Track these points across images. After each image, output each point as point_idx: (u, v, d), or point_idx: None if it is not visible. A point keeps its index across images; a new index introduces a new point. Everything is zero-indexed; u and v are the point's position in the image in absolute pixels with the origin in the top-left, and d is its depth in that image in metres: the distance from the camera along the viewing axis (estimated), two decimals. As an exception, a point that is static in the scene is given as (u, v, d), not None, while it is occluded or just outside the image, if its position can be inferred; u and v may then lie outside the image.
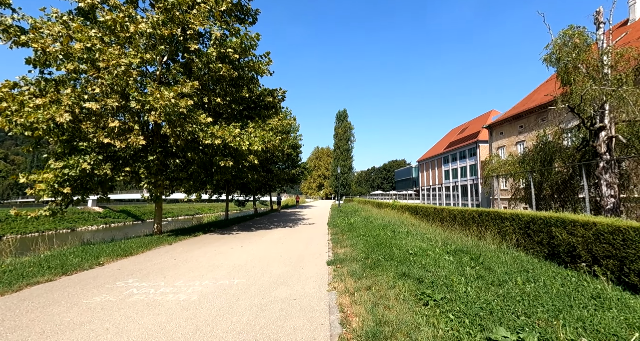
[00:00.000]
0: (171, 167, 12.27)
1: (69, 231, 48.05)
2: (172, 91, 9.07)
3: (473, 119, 51.01)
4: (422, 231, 10.01)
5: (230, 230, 13.65)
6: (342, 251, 8.18)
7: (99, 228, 50.61)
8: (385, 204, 20.88)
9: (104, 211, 54.75)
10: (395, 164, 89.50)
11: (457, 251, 6.66)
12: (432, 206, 12.21)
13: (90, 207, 55.58)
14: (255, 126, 12.07)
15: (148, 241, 9.94)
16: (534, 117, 32.37)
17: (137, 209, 59.39)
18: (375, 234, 10.24)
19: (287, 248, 8.99)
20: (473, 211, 8.67)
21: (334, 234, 11.40)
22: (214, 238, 11.08)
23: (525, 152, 11.91)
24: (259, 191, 25.53)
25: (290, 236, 11.42)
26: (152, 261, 7.24)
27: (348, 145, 60.47)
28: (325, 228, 13.90)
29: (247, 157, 11.50)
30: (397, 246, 7.86)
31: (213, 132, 10.25)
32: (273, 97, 13.36)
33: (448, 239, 8.09)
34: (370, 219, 14.57)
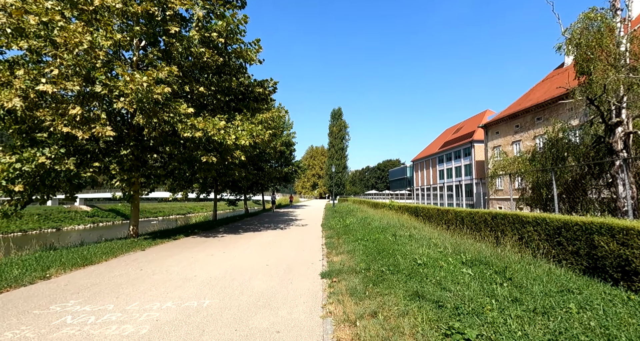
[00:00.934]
0: (150, 163, 11.02)
1: (54, 230, 46.13)
2: (145, 75, 7.84)
3: (468, 119, 50.40)
4: (427, 235, 8.95)
5: (216, 232, 12.43)
6: (339, 259, 7.07)
7: (86, 227, 48.75)
8: (382, 205, 19.85)
9: (92, 210, 52.82)
10: (389, 163, 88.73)
11: (474, 261, 5.59)
12: (435, 207, 11.18)
13: (77, 206, 53.61)
14: (243, 118, 10.88)
15: (118, 246, 8.70)
16: (530, 116, 31.72)
17: (126, 208, 57.42)
18: (374, 238, 9.15)
19: (275, 254, 7.84)
20: (485, 213, 7.63)
21: (329, 238, 10.29)
22: (195, 242, 9.87)
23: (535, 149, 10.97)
24: (250, 190, 24.28)
25: (281, 240, 10.27)
26: (113, 272, 6.02)
27: (343, 144, 59.38)
28: (319, 230, 12.79)
29: (233, 152, 10.31)
30: (401, 253, 6.77)
31: (194, 124, 9.03)
32: (263, 88, 12.17)
33: (458, 245, 7.03)
34: (367, 221, 13.50)
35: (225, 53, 10.71)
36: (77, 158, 9.04)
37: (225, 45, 10.58)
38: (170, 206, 62.30)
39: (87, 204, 55.15)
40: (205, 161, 9.57)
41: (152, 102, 8.24)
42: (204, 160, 9.52)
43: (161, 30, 9.89)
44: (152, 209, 59.47)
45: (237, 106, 11.90)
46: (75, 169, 8.59)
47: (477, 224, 7.95)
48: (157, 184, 10.81)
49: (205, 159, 9.55)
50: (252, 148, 11.28)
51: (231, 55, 10.77)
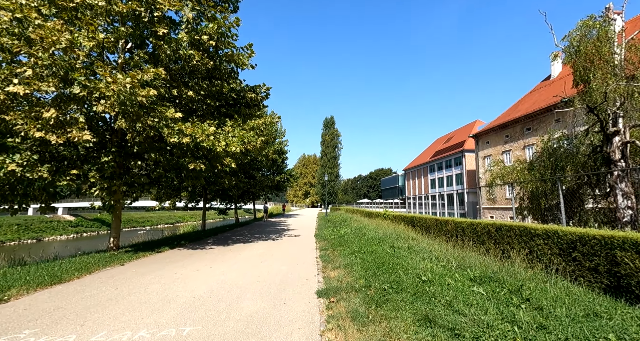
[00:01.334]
0: (134, 170, 10.36)
1: (34, 241, 44.09)
2: (129, 76, 7.31)
3: (458, 129, 50.95)
4: (426, 248, 8.49)
5: (204, 244, 11.72)
6: (335, 274, 6.53)
7: (69, 237, 46.76)
8: (376, 214, 19.41)
9: (75, 219, 50.84)
10: (381, 172, 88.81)
11: (483, 278, 5.14)
12: (433, 217, 10.78)
13: (60, 215, 51.57)
14: (234, 124, 10.38)
15: (95, 260, 7.96)
16: (520, 127, 32.12)
17: (112, 217, 55.52)
18: (371, 250, 8.65)
19: (266, 269, 7.24)
20: (488, 224, 7.24)
21: (323, 250, 9.74)
22: (181, 255, 9.17)
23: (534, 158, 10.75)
24: (241, 198, 23.55)
25: (272, 252, 9.66)
26: (83, 292, 5.35)
27: (335, 152, 59.14)
28: (313, 241, 12.21)
29: (223, 160, 9.77)
30: (402, 268, 6.28)
31: (181, 129, 8.49)
32: (255, 94, 11.74)
33: (462, 259, 6.59)
34: (362, 231, 12.99)
35: (216, 57, 10.28)
36: (53, 165, 8.35)
37: (216, 49, 10.16)
38: (159, 215, 60.62)
39: (71, 214, 53.14)
40: (193, 168, 8.99)
41: (136, 106, 7.70)
42: (191, 167, 8.94)
43: (149, 32, 9.43)
44: (139, 218, 57.70)
45: (228, 112, 11.40)
46: (50, 177, 7.90)
47: (479, 236, 7.54)
48: (141, 193, 10.13)
49: (193, 166, 8.97)
50: (243, 155, 10.76)
51: (222, 59, 10.34)
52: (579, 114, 10.29)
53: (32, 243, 43.06)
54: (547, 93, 31.76)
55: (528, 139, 31.16)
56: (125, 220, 55.90)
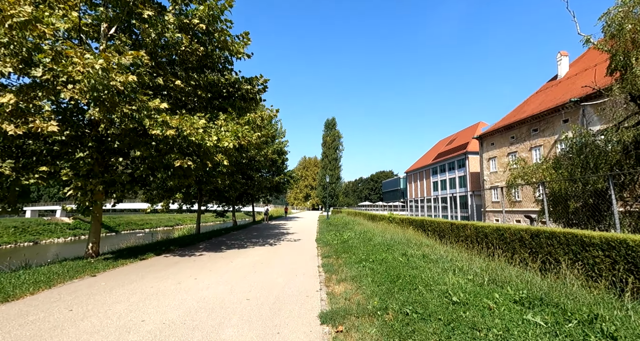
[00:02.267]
0: (117, 168, 9.27)
1: (31, 244, 43.00)
2: (102, 57, 6.25)
3: (461, 131, 49.86)
4: (444, 256, 7.35)
5: (195, 249, 10.59)
6: (341, 289, 5.39)
7: (66, 240, 45.65)
8: (380, 217, 18.24)
9: (73, 222, 49.76)
10: (382, 175, 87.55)
11: (532, 300, 3.99)
12: (448, 221, 9.63)
13: (58, 217, 50.64)
14: (227, 118, 9.30)
15: (65, 270, 6.84)
16: (526, 128, 30.98)
17: (111, 220, 54.55)
18: (381, 258, 7.51)
19: (260, 281, 6.11)
20: (521, 230, 6.10)
21: (326, 257, 8.60)
22: (165, 263, 8.04)
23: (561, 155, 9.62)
24: (240, 200, 22.42)
25: (269, 260, 8.52)
26: (27, 316, 4.22)
27: (336, 154, 57.85)
28: (314, 247, 11.06)
29: (214, 156, 8.68)
30: (423, 282, 5.15)
31: (166, 120, 7.41)
32: (252, 86, 10.67)
33: (494, 272, 5.45)
34: (368, 236, 11.85)
35: (207, 43, 9.23)
36: (21, 161, 7.28)
37: (207, 34, 9.11)
38: (158, 217, 59.52)
39: (69, 216, 52.04)
40: (179, 165, 7.89)
41: (112, 92, 6.62)
42: (177, 164, 7.84)
43: (133, 14, 8.39)
44: (138, 221, 56.66)
45: (221, 105, 10.33)
46: (13, 175, 6.81)
47: (508, 244, 6.40)
48: (123, 193, 9.03)
49: (179, 163, 7.88)
50: (238, 152, 9.67)
51: (214, 45, 9.29)
52: (608, 106, 9.12)
53: (28, 246, 41.92)
54: (553, 94, 30.73)
55: (535, 141, 30.02)
56: (125, 223, 54.84)
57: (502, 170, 34.29)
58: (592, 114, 24.78)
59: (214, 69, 10.36)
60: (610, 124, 10.66)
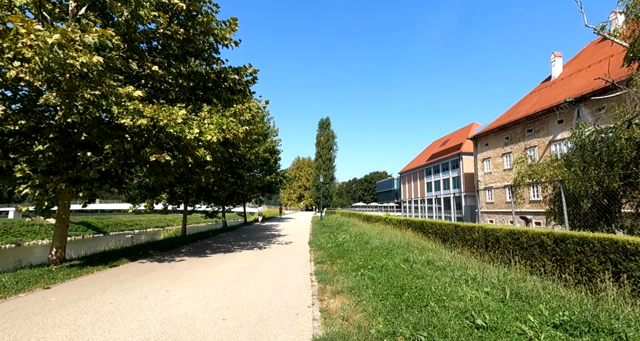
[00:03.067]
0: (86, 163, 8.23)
1: (12, 246, 41.14)
2: (58, 32, 5.29)
3: (455, 131, 49.56)
4: (452, 262, 6.53)
5: (176, 253, 9.59)
6: (338, 304, 4.52)
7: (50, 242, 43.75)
8: (376, 218, 17.43)
9: (59, 222, 47.81)
10: (376, 175, 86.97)
11: (578, 325, 3.18)
12: (452, 222, 8.83)
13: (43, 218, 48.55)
14: (212, 110, 8.35)
15: (13, 280, 5.81)
16: (520, 128, 30.61)
17: (99, 220, 52.79)
18: (380, 264, 6.66)
19: (243, 294, 5.19)
20: (542, 234, 5.31)
21: (319, 263, 7.71)
22: (137, 271, 7.05)
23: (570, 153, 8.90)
24: (230, 201, 21.37)
25: (256, 266, 7.59)
26: None
27: (330, 154, 56.91)
28: (307, 250, 10.16)
29: (196, 151, 7.72)
30: (434, 296, 4.30)
31: (138, 108, 6.45)
32: (239, 76, 9.74)
33: (515, 284, 4.64)
34: (364, 238, 11.01)
35: (189, 27, 8.29)
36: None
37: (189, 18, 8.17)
38: (148, 218, 57.86)
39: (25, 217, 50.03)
40: (156, 161, 6.93)
41: (72, 75, 5.64)
42: (153, 159, 6.87)
43: (103, -9, 7.41)
44: (127, 221, 54.99)
45: (205, 96, 9.38)
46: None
47: (525, 250, 5.61)
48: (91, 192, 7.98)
49: (155, 158, 6.91)
50: (223, 146, 8.72)
51: (197, 28, 8.35)
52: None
53: (10, 248, 40.07)
54: (548, 94, 30.46)
55: (529, 141, 29.65)
56: (113, 224, 53.09)
57: (496, 171, 33.92)
58: (587, 115, 24.39)
59: (198, 56, 9.41)
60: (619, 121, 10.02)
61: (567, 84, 28.74)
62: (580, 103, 24.15)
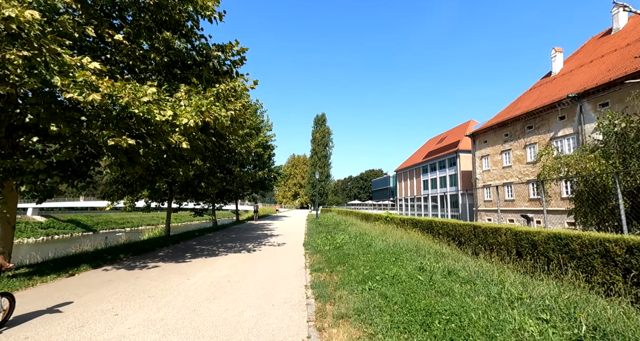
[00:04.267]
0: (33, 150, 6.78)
1: (-3, 244, 39.01)
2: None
3: (452, 129, 48.60)
4: (479, 272, 5.26)
5: (151, 258, 8.20)
6: (343, 337, 3.22)
7: (37, 240, 41.83)
8: (376, 217, 16.18)
9: (46, 220, 45.88)
10: (372, 173, 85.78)
11: None
12: (468, 223, 7.59)
13: (30, 216, 46.59)
14: (191, 90, 6.95)
15: None
16: (520, 125, 29.60)
17: (89, 218, 50.82)
18: (391, 274, 5.38)
19: (215, 320, 3.85)
20: (605, 240, 4.06)
21: (317, 271, 6.40)
22: (92, 283, 5.66)
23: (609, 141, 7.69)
24: (220, 198, 19.93)
25: (240, 276, 6.25)
26: None
27: (326, 151, 55.44)
28: (301, 254, 8.84)
29: (169, 137, 6.34)
30: (478, 329, 3.02)
31: (90, 81, 5.05)
32: (225, 55, 8.34)
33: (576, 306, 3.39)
34: (366, 240, 9.73)
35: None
36: None
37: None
38: (140, 216, 55.95)
39: (42, 214, 48.11)
40: (115, 146, 5.53)
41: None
42: (111, 144, 5.48)
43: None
44: (118, 219, 53.14)
45: (184, 75, 7.97)
46: None
47: (579, 259, 4.35)
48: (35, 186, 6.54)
49: (113, 142, 5.51)
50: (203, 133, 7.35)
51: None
52: None
53: (-6, 247, 38.09)
54: (548, 90, 29.48)
55: (529, 138, 28.65)
56: (103, 221, 51.21)
57: (495, 168, 32.93)
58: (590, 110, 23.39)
59: (176, 31, 7.99)
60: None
61: (569, 79, 27.77)
62: (583, 98, 23.14)
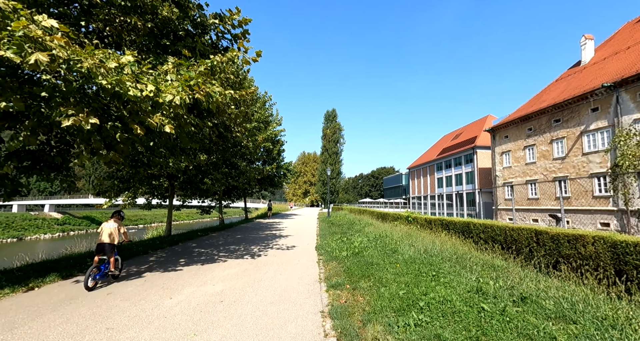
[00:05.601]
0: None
1: (14, 240, 39.36)
2: None
3: (468, 125, 46.14)
4: (566, 299, 3.66)
5: (139, 264, 6.88)
6: None
7: (53, 236, 41.98)
8: (394, 216, 14.54)
9: (62, 217, 46.10)
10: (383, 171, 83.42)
11: None
12: (528, 226, 5.93)
13: (47, 213, 46.88)
14: (181, 64, 5.53)
15: None
16: (546, 118, 27.19)
17: (103, 215, 50.93)
18: (438, 298, 3.83)
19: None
20: None
21: (335, 287, 4.90)
22: (47, 304, 4.31)
23: None
24: (228, 196, 18.67)
25: (236, 294, 4.81)
26: None
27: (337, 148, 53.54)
28: (314, 261, 7.35)
29: (148, 118, 4.96)
30: None
31: (34, 36, 3.70)
32: (222, 23, 6.90)
33: None
34: (389, 244, 8.17)
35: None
36: None
37: None
38: (154, 213, 55.75)
39: (59, 211, 48.42)
40: (69, 125, 4.16)
41: None
42: (65, 124, 4.11)
43: None
44: (132, 216, 53.17)
45: (174, 47, 6.57)
46: None
47: None
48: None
49: (70, 122, 4.15)
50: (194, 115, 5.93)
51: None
52: None
53: (11, 243, 38.32)
54: (578, 81, 26.98)
55: (556, 132, 26.28)
56: (117, 218, 51.19)
57: (517, 165, 30.61)
58: (628, 100, 20.92)
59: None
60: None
61: (602, 68, 25.23)
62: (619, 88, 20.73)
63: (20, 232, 41.15)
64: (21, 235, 40.89)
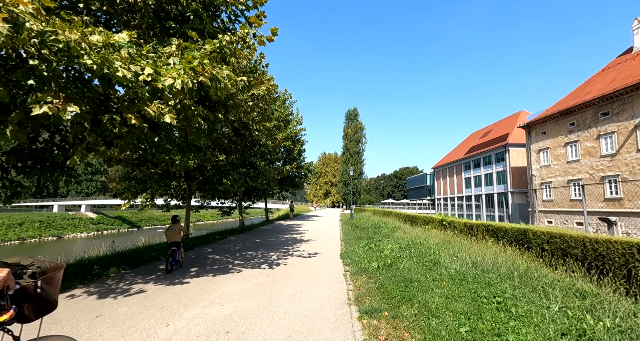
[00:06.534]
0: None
1: (54, 238, 41.48)
2: None
3: (498, 121, 43.08)
4: None
5: (145, 274, 6.15)
6: None
7: (89, 235, 43.91)
8: (424, 219, 13.11)
9: (97, 217, 48.19)
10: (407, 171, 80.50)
11: None
12: (625, 239, 4.51)
13: (83, 212, 49.26)
14: (187, 47, 4.68)
15: None
16: (592, 111, 24.29)
17: (133, 215, 52.81)
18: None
19: None
20: None
21: (369, 315, 3.79)
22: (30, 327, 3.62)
23: None
24: (248, 196, 18.04)
25: (247, 322, 3.82)
26: None
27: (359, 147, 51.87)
28: (339, 273, 6.25)
29: (145, 106, 4.13)
30: None
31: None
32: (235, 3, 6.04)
33: None
34: (426, 253, 6.92)
35: None
36: None
37: None
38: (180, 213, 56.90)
39: (94, 211, 50.71)
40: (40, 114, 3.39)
41: None
42: (37, 111, 3.34)
43: None
44: (160, 216, 54.71)
45: (181, 30, 5.76)
46: None
47: None
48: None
49: (45, 109, 3.37)
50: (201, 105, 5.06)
51: None
52: None
53: (52, 241, 40.42)
54: (630, 69, 23.94)
55: (604, 126, 23.39)
56: (147, 218, 52.98)
57: (557, 163, 27.73)
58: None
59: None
60: None
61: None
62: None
63: (59, 231, 43.26)
64: (60, 234, 42.97)
